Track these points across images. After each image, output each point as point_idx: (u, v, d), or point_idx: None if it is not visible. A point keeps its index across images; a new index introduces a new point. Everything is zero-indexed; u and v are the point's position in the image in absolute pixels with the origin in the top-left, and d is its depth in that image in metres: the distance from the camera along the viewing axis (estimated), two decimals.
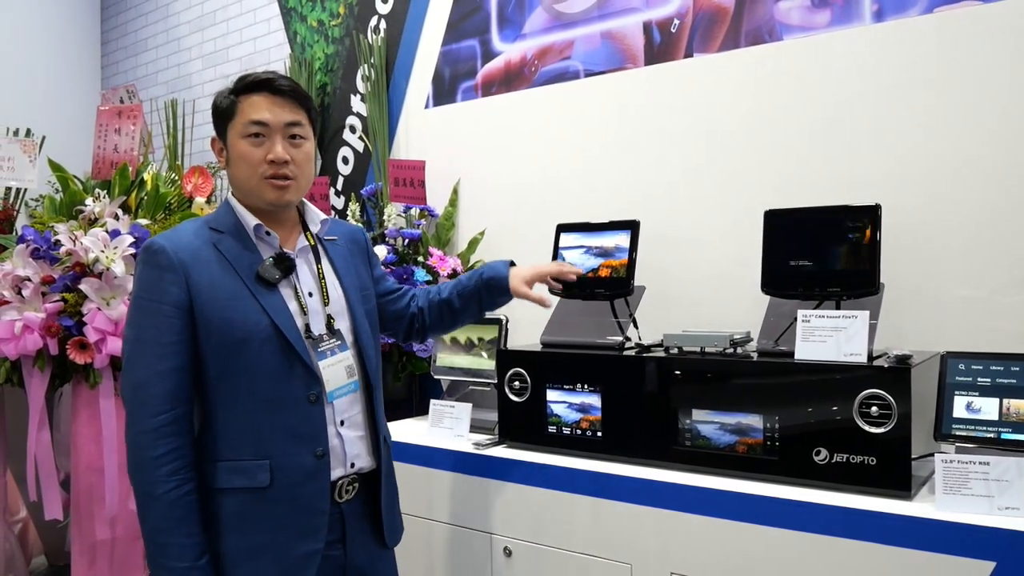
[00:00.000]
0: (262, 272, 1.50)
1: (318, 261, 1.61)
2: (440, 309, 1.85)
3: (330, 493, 1.51)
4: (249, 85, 1.53)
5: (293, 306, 1.52)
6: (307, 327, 1.53)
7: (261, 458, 1.46)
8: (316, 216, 1.64)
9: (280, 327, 1.48)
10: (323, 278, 1.60)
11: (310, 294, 1.56)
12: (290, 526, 1.47)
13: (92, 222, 2.47)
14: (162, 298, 1.44)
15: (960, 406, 1.65)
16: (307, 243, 1.61)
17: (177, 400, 1.44)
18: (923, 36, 2.02)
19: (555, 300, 2.15)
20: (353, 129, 3.43)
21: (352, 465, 1.56)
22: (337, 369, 1.54)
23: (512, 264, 1.86)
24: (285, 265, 1.52)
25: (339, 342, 1.57)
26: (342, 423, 1.55)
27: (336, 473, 1.53)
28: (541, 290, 1.90)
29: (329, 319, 1.57)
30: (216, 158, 1.60)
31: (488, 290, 1.83)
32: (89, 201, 2.50)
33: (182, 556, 1.41)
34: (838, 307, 1.80)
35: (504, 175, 2.88)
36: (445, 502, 2.14)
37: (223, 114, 1.55)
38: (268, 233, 1.54)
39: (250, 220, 1.54)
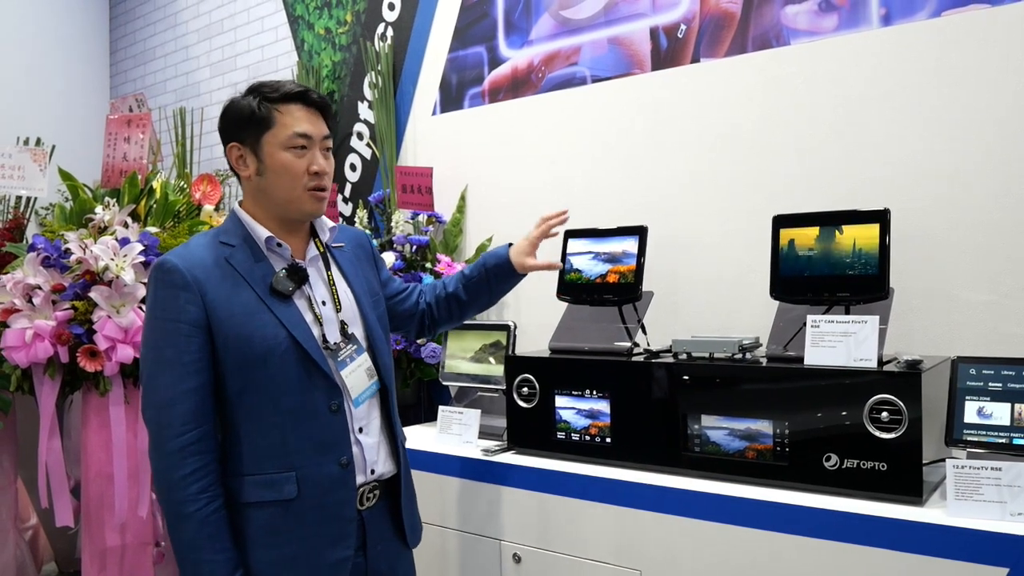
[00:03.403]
0: (276, 284, 1.50)
1: (328, 268, 1.61)
2: (448, 303, 1.85)
3: (355, 500, 1.52)
4: (287, 96, 1.52)
5: (308, 317, 1.52)
6: (323, 337, 1.53)
7: (287, 470, 1.47)
8: (325, 224, 1.64)
9: (298, 339, 1.48)
10: (334, 285, 1.60)
11: (323, 303, 1.57)
12: (319, 535, 1.48)
13: (102, 230, 2.48)
14: (179, 317, 1.44)
15: (971, 411, 1.64)
16: (317, 251, 1.61)
17: (201, 418, 1.44)
18: (931, 40, 2.02)
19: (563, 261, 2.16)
20: (360, 136, 3.44)
21: (372, 472, 1.57)
22: (359, 374, 1.55)
23: (511, 245, 1.87)
24: (298, 276, 1.52)
25: (355, 347, 1.57)
26: (360, 430, 1.56)
27: (358, 480, 1.54)
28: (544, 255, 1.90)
29: (343, 325, 1.57)
30: (233, 164, 1.57)
31: (496, 276, 1.84)
32: (99, 209, 2.51)
33: (216, 572, 1.41)
34: (847, 312, 1.80)
35: (512, 181, 2.88)
36: (454, 508, 2.14)
37: (259, 122, 1.52)
38: (279, 244, 1.54)
39: (261, 232, 1.54)
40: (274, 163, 1.52)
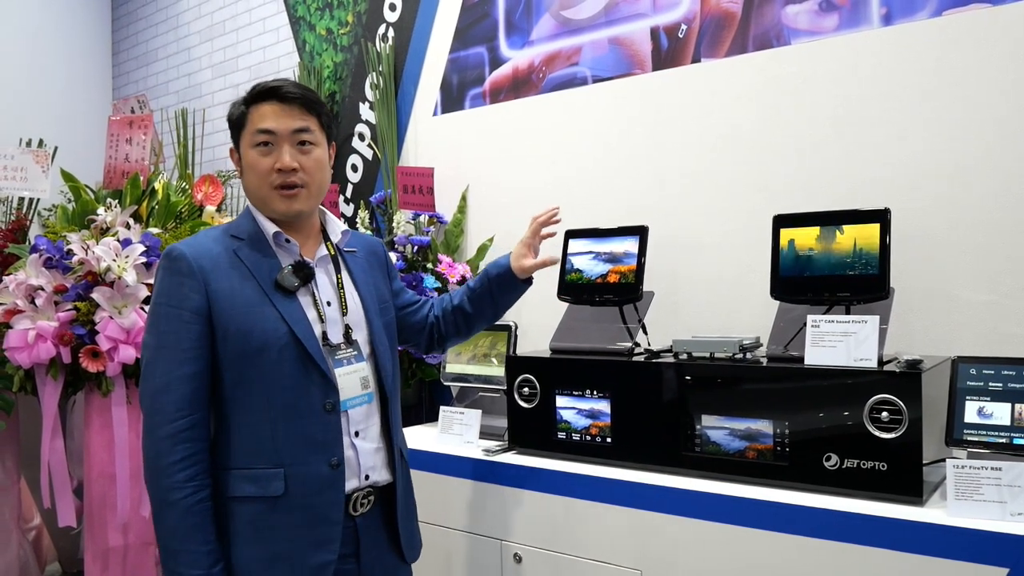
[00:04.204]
0: (281, 280, 1.50)
1: (338, 271, 1.60)
2: (454, 316, 1.83)
3: (345, 505, 1.51)
4: (258, 94, 1.53)
5: (311, 314, 1.52)
6: (324, 335, 1.52)
7: (276, 466, 1.46)
8: (337, 227, 1.64)
9: (298, 335, 1.47)
10: (342, 288, 1.59)
11: (328, 303, 1.56)
12: (304, 536, 1.46)
13: (104, 231, 2.49)
14: (182, 304, 1.45)
15: (971, 411, 1.64)
16: (327, 252, 1.60)
17: (195, 406, 1.44)
18: (932, 39, 2.01)
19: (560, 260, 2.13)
20: (362, 137, 3.45)
21: (367, 477, 1.55)
22: (352, 379, 1.54)
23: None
24: (304, 273, 1.52)
25: (355, 352, 1.56)
26: (357, 434, 1.54)
27: (351, 485, 1.52)
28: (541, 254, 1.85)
29: (347, 329, 1.57)
30: (235, 168, 1.61)
31: (499, 286, 1.81)
32: (101, 211, 2.52)
33: (196, 563, 1.40)
34: (848, 312, 1.80)
35: (513, 181, 2.88)
36: (455, 508, 2.15)
37: (235, 124, 1.56)
38: (288, 241, 1.54)
39: (269, 228, 1.54)
40: (246, 162, 1.55)
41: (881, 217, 1.80)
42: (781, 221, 1.94)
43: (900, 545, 1.49)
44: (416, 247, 2.89)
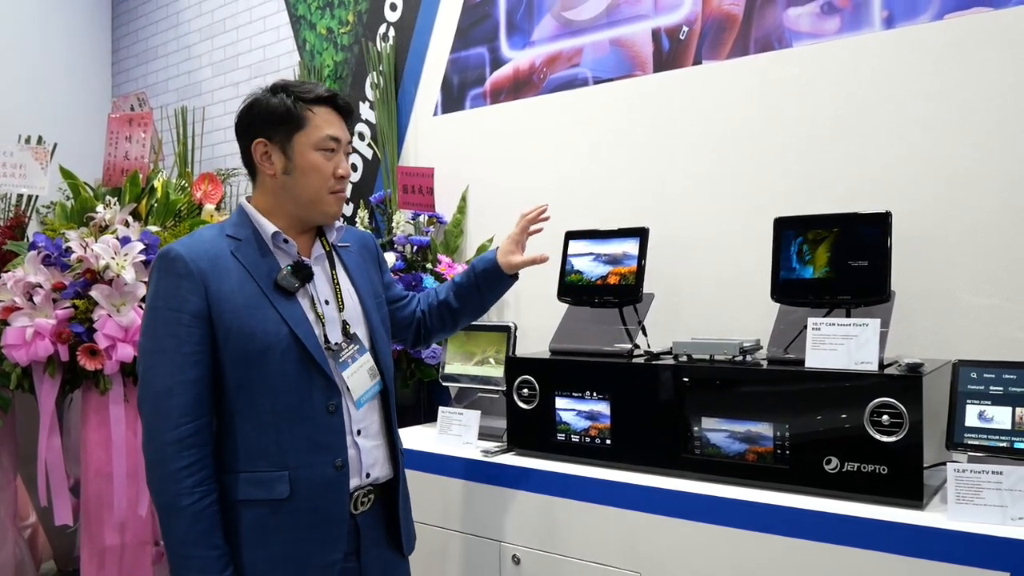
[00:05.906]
0: (280, 281, 1.49)
1: (333, 268, 1.61)
2: (440, 311, 1.84)
3: (348, 504, 1.51)
4: (319, 98, 1.54)
5: (311, 315, 1.52)
6: (325, 337, 1.52)
7: (280, 469, 1.46)
8: (332, 223, 1.65)
9: (300, 337, 1.47)
10: (338, 285, 1.59)
11: (326, 302, 1.56)
12: (309, 537, 1.46)
13: (103, 229, 2.49)
14: (181, 307, 1.43)
15: (972, 415, 1.64)
16: (323, 250, 1.61)
17: (198, 411, 1.43)
18: (933, 43, 2.01)
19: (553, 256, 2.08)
20: (362, 136, 3.44)
21: (368, 475, 1.55)
22: (361, 375, 1.54)
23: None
24: (303, 274, 1.52)
25: (357, 347, 1.56)
26: (359, 432, 1.54)
27: (353, 483, 1.52)
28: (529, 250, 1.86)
29: (345, 325, 1.56)
30: (256, 160, 1.54)
31: (485, 280, 1.82)
32: (100, 208, 2.51)
33: (207, 568, 1.40)
34: (848, 315, 1.79)
35: (513, 182, 2.88)
36: (453, 509, 2.14)
37: (293, 121, 1.51)
38: (286, 241, 1.54)
39: (268, 228, 1.53)
40: (304, 163, 1.52)
41: (882, 220, 1.80)
42: (782, 223, 1.93)
43: (900, 549, 1.48)
44: (415, 247, 2.89)
